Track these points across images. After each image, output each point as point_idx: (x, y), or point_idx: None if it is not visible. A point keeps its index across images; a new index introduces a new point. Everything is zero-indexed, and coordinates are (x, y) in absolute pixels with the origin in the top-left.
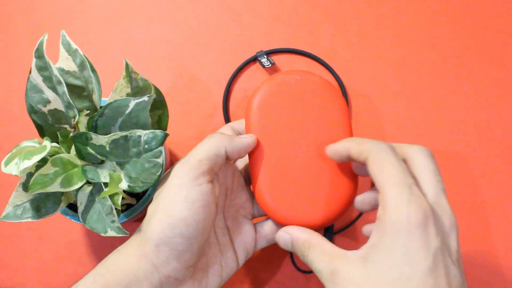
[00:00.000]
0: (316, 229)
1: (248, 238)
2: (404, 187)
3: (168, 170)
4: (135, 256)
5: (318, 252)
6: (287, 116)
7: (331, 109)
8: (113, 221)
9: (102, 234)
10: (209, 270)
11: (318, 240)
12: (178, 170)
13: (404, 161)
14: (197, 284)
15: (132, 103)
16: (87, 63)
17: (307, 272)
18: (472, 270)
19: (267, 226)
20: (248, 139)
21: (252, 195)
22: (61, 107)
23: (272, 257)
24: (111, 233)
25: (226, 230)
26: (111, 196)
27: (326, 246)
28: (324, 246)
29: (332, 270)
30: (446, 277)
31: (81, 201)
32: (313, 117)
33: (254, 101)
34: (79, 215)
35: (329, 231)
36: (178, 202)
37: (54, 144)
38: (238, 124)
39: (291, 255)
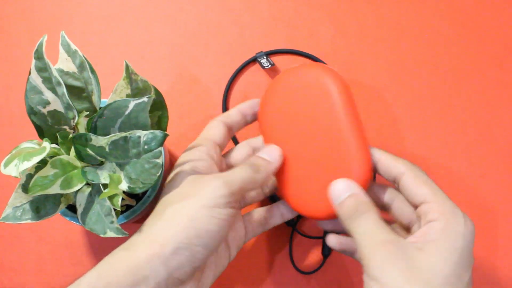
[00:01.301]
0: (329, 218)
1: (240, 233)
2: (451, 201)
3: (180, 161)
4: (145, 254)
5: (377, 219)
6: (299, 114)
7: (337, 99)
8: (112, 222)
9: (102, 235)
10: (205, 270)
11: (378, 212)
12: (214, 183)
13: (401, 176)
14: (196, 283)
15: (132, 104)
16: (87, 64)
17: (307, 273)
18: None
19: (255, 216)
20: (275, 164)
21: None
22: (60, 108)
23: (272, 258)
24: (110, 234)
25: None
26: (111, 197)
27: (383, 220)
28: (381, 218)
29: (390, 239)
30: (471, 286)
31: (80, 202)
32: (324, 110)
33: (266, 110)
34: (78, 216)
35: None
36: (209, 215)
37: (54, 145)
38: (255, 141)
39: (291, 255)
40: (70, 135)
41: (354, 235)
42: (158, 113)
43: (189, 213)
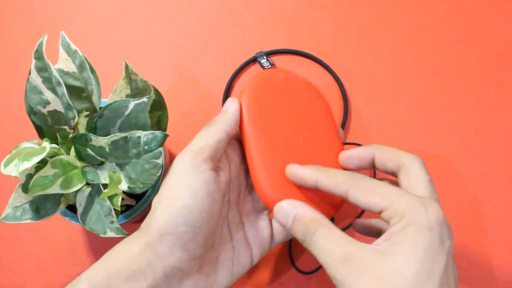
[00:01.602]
0: None
1: (264, 234)
2: (409, 194)
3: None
4: (138, 245)
5: (329, 233)
6: (276, 109)
7: (316, 104)
8: (112, 222)
9: (102, 235)
10: (218, 265)
11: (328, 222)
12: (180, 159)
13: (399, 168)
14: (204, 278)
15: (132, 104)
16: (87, 64)
17: (307, 273)
18: (471, 270)
19: None
20: (234, 108)
21: None
22: (60, 108)
23: (272, 258)
24: (110, 234)
25: (241, 226)
26: (111, 197)
27: (337, 230)
28: (334, 229)
29: (347, 253)
30: (454, 278)
31: (80, 202)
32: (301, 110)
33: (243, 97)
34: (78, 216)
35: None
36: (180, 190)
37: (54, 145)
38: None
39: (291, 256)
40: (70, 135)
41: (315, 255)
42: (158, 113)
43: (167, 196)
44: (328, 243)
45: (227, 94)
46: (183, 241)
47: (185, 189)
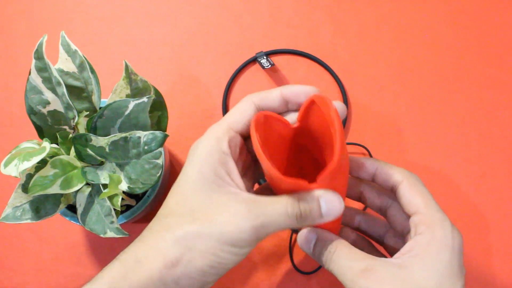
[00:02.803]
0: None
1: None
2: (443, 213)
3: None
4: (158, 271)
5: (349, 251)
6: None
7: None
8: (112, 222)
9: (102, 235)
10: None
11: (347, 244)
12: (235, 219)
13: (398, 183)
14: None
15: (132, 104)
16: (87, 64)
17: (307, 273)
18: (471, 270)
19: None
20: (326, 219)
21: None
22: (60, 108)
23: (272, 258)
24: (110, 234)
25: None
26: (111, 198)
27: (356, 249)
28: (353, 248)
29: (367, 267)
30: None
31: (80, 202)
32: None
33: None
34: (78, 216)
35: None
36: (225, 252)
37: (54, 145)
38: (260, 99)
39: (291, 256)
40: (70, 135)
41: (336, 275)
42: (158, 113)
43: (204, 246)
44: (348, 259)
45: (227, 94)
46: (206, 283)
47: (229, 252)
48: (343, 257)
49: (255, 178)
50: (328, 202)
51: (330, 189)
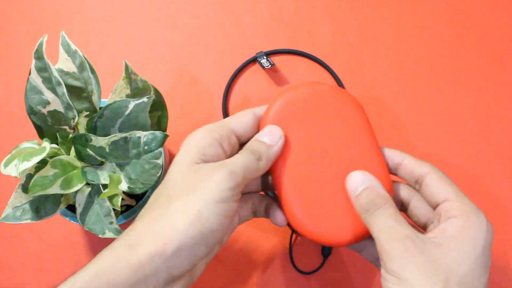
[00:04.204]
0: (346, 245)
1: (235, 219)
2: (474, 204)
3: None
4: (147, 253)
5: (395, 213)
6: (305, 132)
7: (350, 119)
8: (111, 223)
9: (100, 236)
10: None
11: (395, 205)
12: (219, 175)
13: (423, 176)
14: (190, 275)
15: (132, 104)
16: (87, 64)
17: (307, 273)
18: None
19: (248, 203)
20: (276, 147)
21: None
22: (60, 108)
23: (272, 258)
24: (109, 234)
25: None
26: (111, 197)
27: (401, 216)
28: (399, 213)
29: (408, 235)
30: None
31: (80, 202)
32: (334, 130)
33: (268, 121)
34: (78, 216)
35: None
36: (215, 213)
37: (54, 145)
38: (261, 110)
39: (291, 256)
40: (70, 135)
41: (371, 229)
42: (158, 113)
43: (194, 210)
44: (392, 221)
45: (227, 94)
46: (196, 257)
47: (219, 213)
48: (388, 217)
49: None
50: (267, 133)
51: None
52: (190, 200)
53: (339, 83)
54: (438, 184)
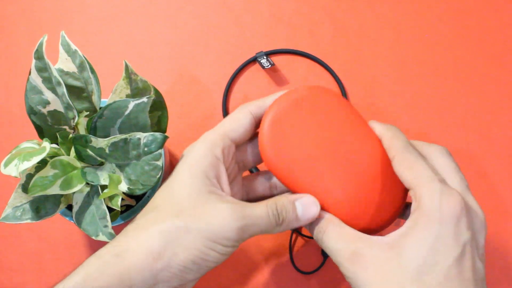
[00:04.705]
0: (387, 226)
1: None
2: (436, 181)
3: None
4: (137, 264)
5: (338, 232)
6: (306, 132)
7: (347, 117)
8: (105, 226)
9: (94, 238)
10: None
11: (338, 221)
12: (232, 225)
13: (391, 160)
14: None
15: (132, 105)
16: (87, 64)
17: (307, 273)
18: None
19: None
20: (303, 223)
21: None
22: (60, 108)
23: (272, 258)
24: (102, 237)
25: None
26: (110, 198)
27: (347, 228)
28: (345, 227)
29: (355, 250)
30: (471, 269)
31: (77, 201)
32: (334, 128)
33: (268, 128)
34: (73, 214)
35: None
36: (210, 249)
37: (54, 145)
38: (258, 109)
39: (291, 256)
40: (70, 135)
41: (329, 255)
42: (158, 113)
43: (189, 240)
44: (336, 242)
45: (227, 94)
46: (185, 279)
47: (213, 249)
48: (333, 239)
49: (240, 189)
50: (304, 205)
51: (308, 194)
52: (186, 228)
53: (339, 83)
54: (400, 170)
